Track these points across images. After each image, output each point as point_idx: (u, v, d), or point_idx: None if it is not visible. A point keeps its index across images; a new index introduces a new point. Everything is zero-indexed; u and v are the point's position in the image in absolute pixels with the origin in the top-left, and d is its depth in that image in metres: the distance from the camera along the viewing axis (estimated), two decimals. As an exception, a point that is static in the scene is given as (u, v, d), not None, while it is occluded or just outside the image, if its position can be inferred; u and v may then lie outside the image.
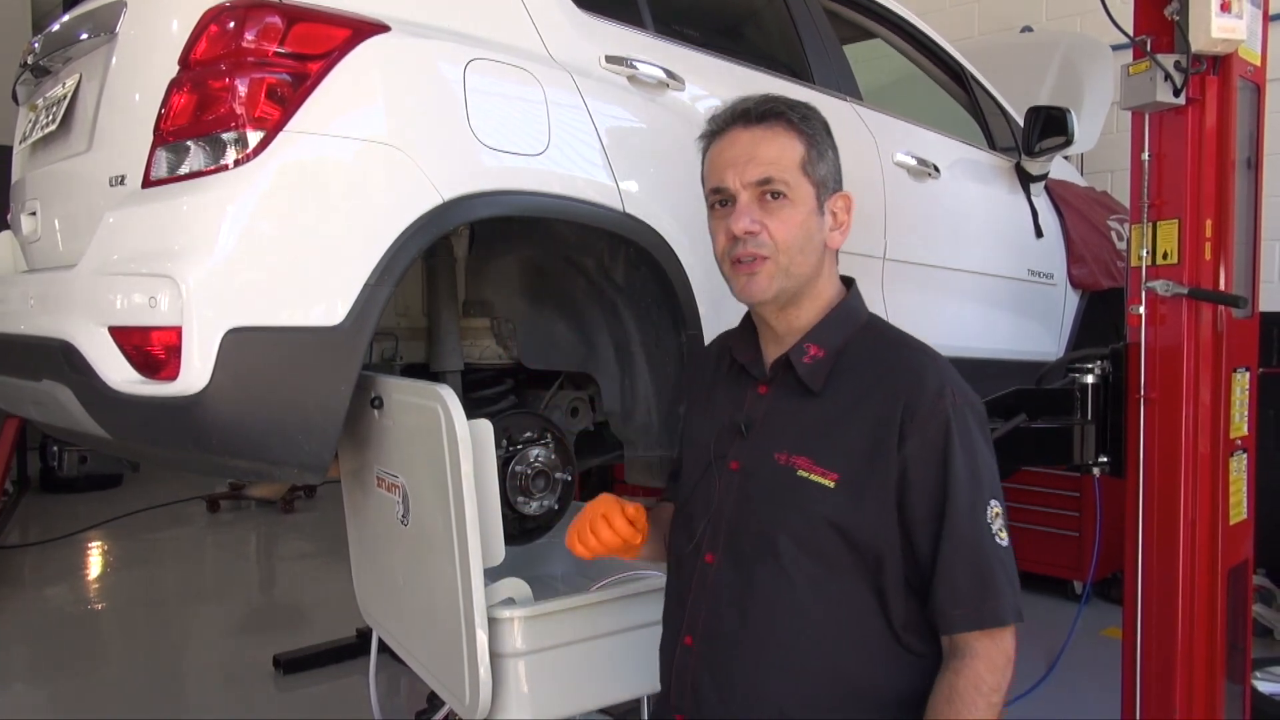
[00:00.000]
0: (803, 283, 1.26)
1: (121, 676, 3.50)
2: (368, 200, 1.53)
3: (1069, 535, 3.98)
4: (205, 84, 1.49)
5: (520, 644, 1.56)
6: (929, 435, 1.16)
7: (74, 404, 1.58)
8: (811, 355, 1.25)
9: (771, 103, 1.26)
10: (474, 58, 1.68)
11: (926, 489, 1.16)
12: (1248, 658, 2.28)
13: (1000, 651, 1.16)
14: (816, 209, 1.26)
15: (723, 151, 1.27)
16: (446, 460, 1.51)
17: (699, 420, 1.40)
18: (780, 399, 1.27)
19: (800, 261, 1.24)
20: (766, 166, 1.23)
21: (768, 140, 1.24)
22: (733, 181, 1.24)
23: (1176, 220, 2.02)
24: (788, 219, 1.23)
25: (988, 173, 3.14)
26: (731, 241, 1.24)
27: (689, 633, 1.28)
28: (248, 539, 5.77)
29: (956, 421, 1.17)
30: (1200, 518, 2.03)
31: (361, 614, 2.12)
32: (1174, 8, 1.93)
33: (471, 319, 2.08)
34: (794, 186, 1.23)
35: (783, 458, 1.22)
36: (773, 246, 1.22)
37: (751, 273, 1.23)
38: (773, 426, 1.26)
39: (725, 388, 1.36)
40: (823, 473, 1.19)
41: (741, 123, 1.26)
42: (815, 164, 1.25)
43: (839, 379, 1.24)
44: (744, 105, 1.27)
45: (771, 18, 2.69)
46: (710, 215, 1.31)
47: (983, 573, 1.15)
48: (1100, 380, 2.24)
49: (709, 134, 1.31)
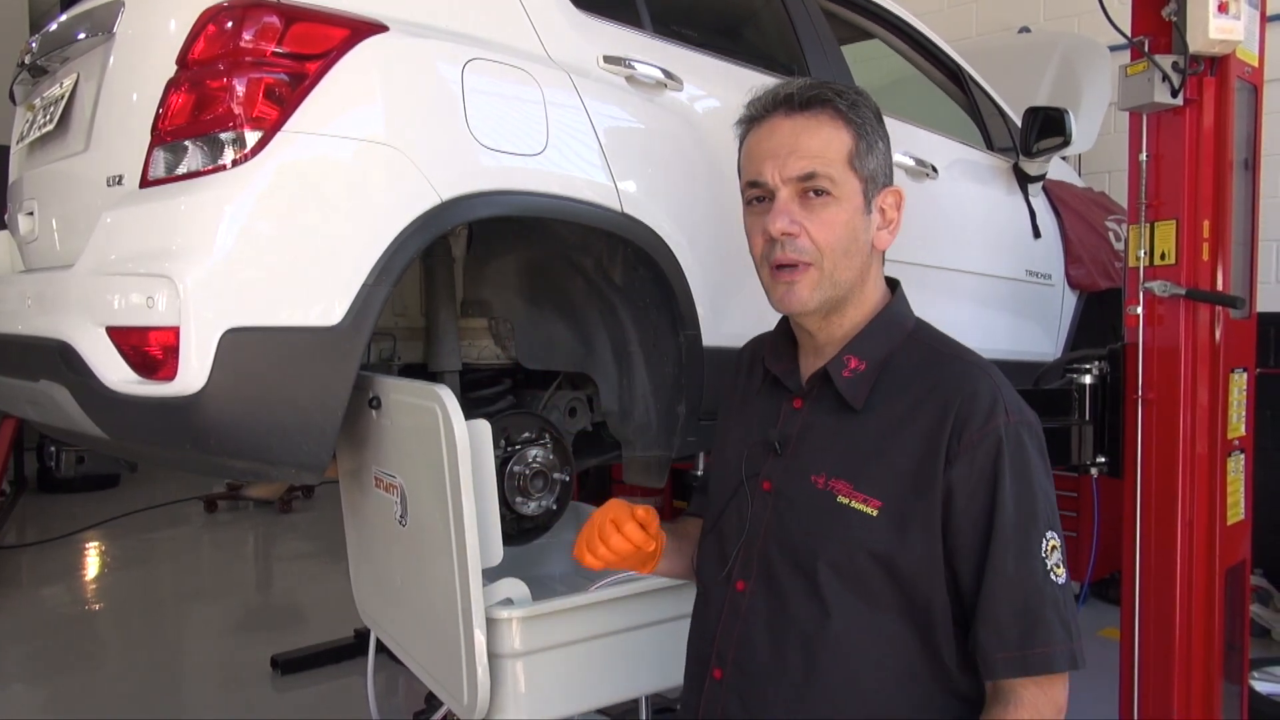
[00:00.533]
0: (848, 289, 1.14)
1: (119, 677, 3.50)
2: (366, 200, 1.53)
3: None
4: (203, 84, 1.49)
5: (518, 644, 1.56)
6: (978, 458, 1.06)
7: (71, 404, 1.57)
8: (851, 369, 1.14)
9: (817, 88, 1.13)
10: (472, 58, 1.68)
11: (971, 517, 1.06)
12: (1245, 658, 2.29)
13: (1049, 702, 1.04)
14: (863, 207, 1.14)
15: (761, 141, 1.14)
16: (445, 461, 1.50)
17: (732, 433, 1.28)
18: (818, 415, 1.16)
19: (845, 265, 1.13)
20: (810, 160, 1.10)
21: (811, 130, 1.11)
22: (771, 175, 1.12)
23: (1174, 221, 2.02)
24: (831, 219, 1.11)
25: (985, 173, 3.14)
26: (769, 244, 1.13)
27: (718, 665, 1.18)
28: (245, 539, 5.77)
29: (1010, 443, 1.06)
30: (1198, 518, 2.03)
31: (359, 614, 2.12)
32: (1171, 9, 1.94)
33: (469, 319, 2.08)
34: (839, 183, 1.11)
35: (820, 481, 1.12)
36: (815, 252, 1.11)
37: (791, 281, 1.12)
38: (809, 445, 1.15)
39: (759, 399, 1.26)
40: (864, 499, 1.08)
41: (784, 109, 1.13)
42: (864, 157, 1.13)
43: (882, 394, 1.13)
44: (787, 90, 1.14)
45: (770, 18, 2.69)
46: (746, 212, 1.18)
47: (1031, 612, 1.04)
48: (1098, 381, 2.25)
49: (747, 119, 1.18)
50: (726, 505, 1.23)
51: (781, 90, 1.15)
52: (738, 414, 1.30)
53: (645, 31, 2.11)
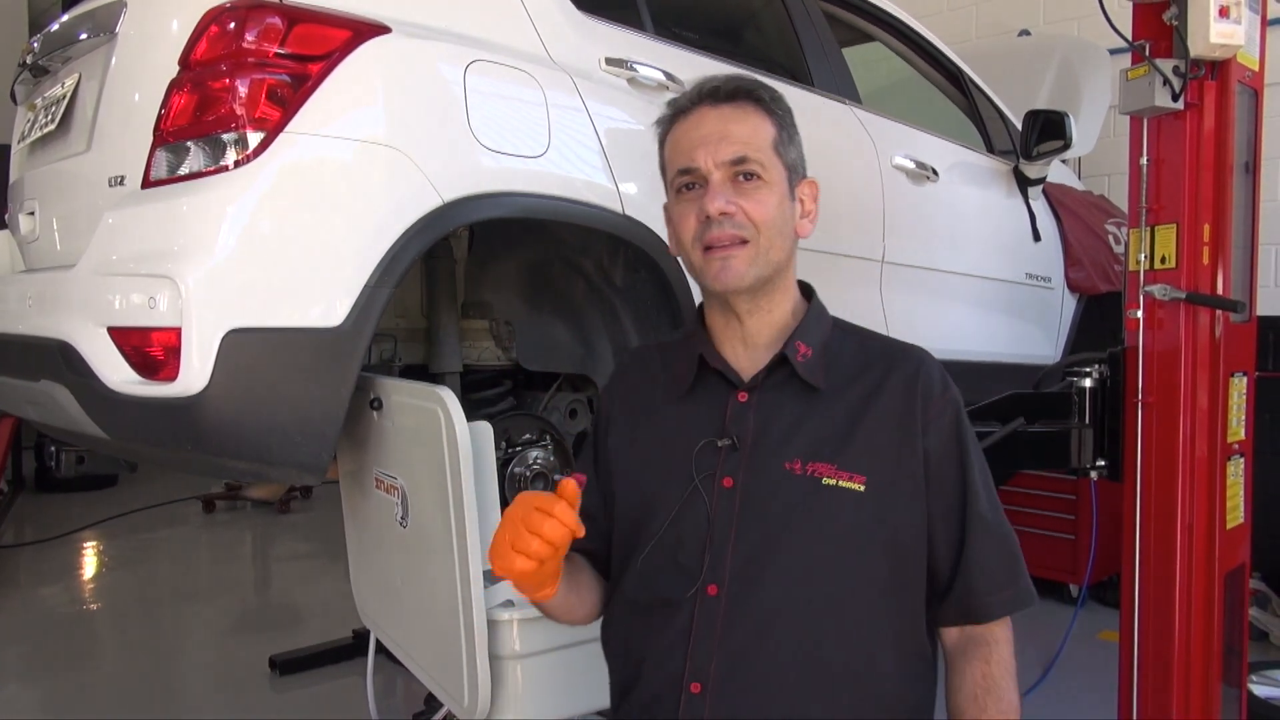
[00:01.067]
0: (776, 270, 1.18)
1: (116, 677, 3.49)
2: (368, 201, 1.53)
3: (1066, 538, 3.99)
4: (205, 84, 1.49)
5: (518, 646, 1.56)
6: (944, 425, 1.16)
7: (72, 404, 1.57)
8: (803, 354, 1.18)
9: (741, 80, 1.19)
10: (474, 59, 1.68)
11: (950, 478, 1.15)
12: (1244, 661, 2.29)
13: (1011, 634, 1.18)
14: (788, 193, 1.19)
15: (690, 131, 1.17)
16: (446, 462, 1.50)
17: (650, 445, 1.24)
18: (773, 405, 1.18)
19: (778, 246, 1.17)
20: (740, 145, 1.15)
21: (739, 119, 1.16)
22: (704, 161, 1.14)
23: (1174, 225, 2.02)
24: (764, 200, 1.15)
25: (986, 176, 3.14)
26: (703, 224, 1.15)
27: (695, 679, 1.13)
28: (244, 539, 5.76)
29: (961, 411, 1.18)
30: (1197, 522, 2.03)
31: (359, 615, 2.12)
32: (1172, 13, 1.94)
33: (471, 320, 2.08)
34: (768, 167, 1.16)
35: (796, 466, 1.13)
36: (751, 228, 1.14)
37: (727, 256, 1.14)
38: (773, 435, 1.16)
39: (682, 404, 1.23)
40: (850, 476, 1.12)
41: (709, 101, 1.17)
42: (786, 146, 1.19)
43: (835, 378, 1.18)
44: (712, 84, 1.18)
45: (771, 20, 2.70)
46: (675, 200, 1.20)
47: (1011, 554, 1.17)
48: (1098, 384, 2.25)
49: (669, 117, 1.21)
50: (675, 514, 1.18)
51: (706, 85, 1.19)
52: (648, 425, 1.25)
53: (647, 33, 2.11)
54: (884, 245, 2.57)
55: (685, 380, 1.23)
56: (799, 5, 2.59)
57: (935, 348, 1.28)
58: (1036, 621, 3.85)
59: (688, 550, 1.16)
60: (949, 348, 2.87)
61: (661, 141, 1.23)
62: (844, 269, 2.48)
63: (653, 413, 1.26)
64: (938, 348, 3.16)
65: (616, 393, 1.32)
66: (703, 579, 1.14)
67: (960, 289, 2.93)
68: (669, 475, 1.19)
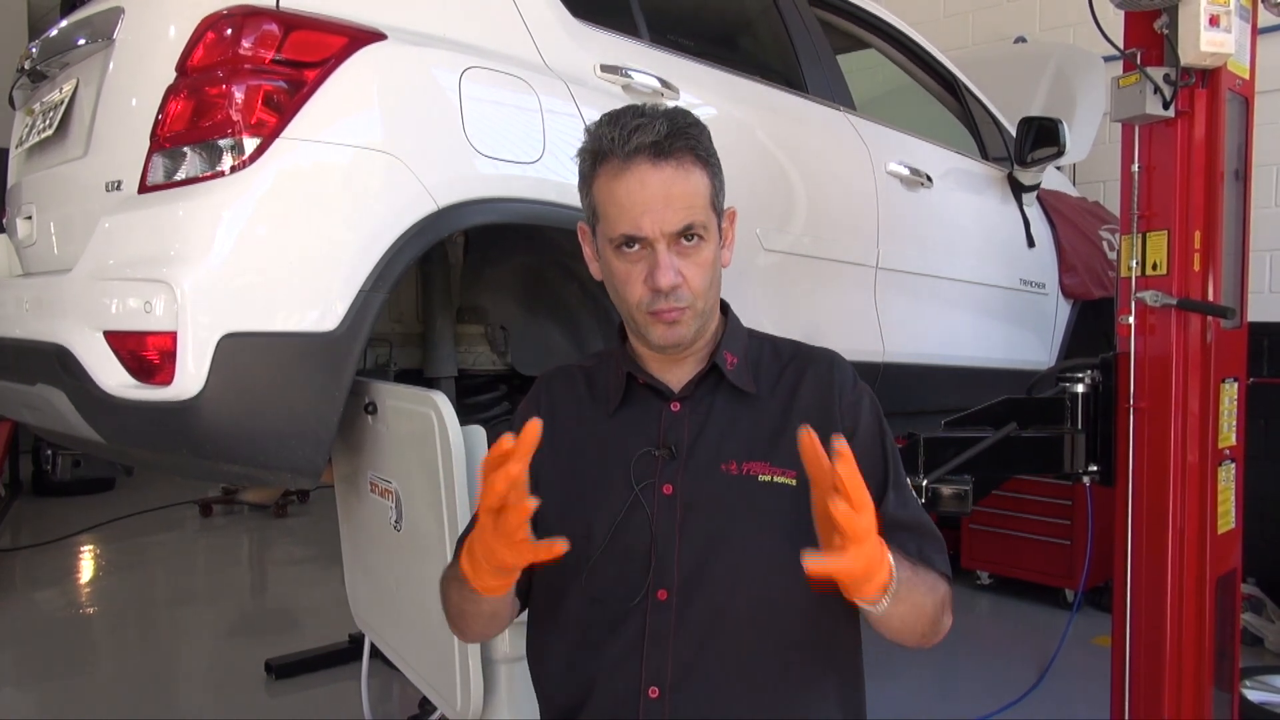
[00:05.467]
0: (712, 316, 1.23)
1: (112, 681, 3.49)
2: (363, 207, 1.54)
3: (1060, 543, 3.99)
4: (202, 90, 1.50)
5: (510, 649, 1.57)
6: (861, 416, 1.22)
7: (68, 408, 1.58)
8: (732, 363, 1.23)
9: (675, 131, 1.14)
10: (470, 66, 1.69)
11: (874, 465, 1.20)
12: (1235, 666, 2.30)
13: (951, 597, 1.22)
14: (719, 237, 1.21)
15: (633, 193, 1.14)
16: (440, 466, 1.51)
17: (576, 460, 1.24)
18: (706, 412, 1.21)
19: (712, 296, 1.21)
20: (685, 213, 1.14)
21: (680, 179, 1.14)
22: (651, 230, 1.14)
23: (1166, 231, 2.03)
24: (703, 261, 1.17)
25: (980, 182, 3.16)
26: (653, 295, 1.16)
27: (653, 684, 1.15)
28: (240, 543, 5.76)
29: (876, 402, 1.25)
30: (1189, 527, 2.04)
31: (354, 619, 2.12)
32: (1163, 21, 1.95)
33: (466, 325, 2.09)
34: (708, 226, 1.17)
35: (734, 468, 1.18)
36: (691, 297, 1.16)
37: (672, 322, 1.17)
38: (709, 440, 1.20)
39: (614, 418, 1.24)
40: (782, 472, 1.17)
41: (649, 157, 1.14)
42: (718, 195, 1.20)
43: (760, 381, 1.24)
44: (649, 137, 1.13)
45: (766, 27, 2.71)
46: (614, 256, 1.18)
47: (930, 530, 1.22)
48: (1090, 390, 2.26)
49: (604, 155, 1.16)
50: (618, 524, 1.18)
51: (644, 136, 1.14)
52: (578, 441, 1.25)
53: (642, 40, 2.13)
54: (878, 251, 2.58)
55: (615, 396, 1.25)
56: (794, 12, 2.61)
57: (929, 353, 1.30)
58: (1032, 627, 3.87)
59: (634, 559, 1.18)
60: (943, 353, 2.88)
61: (590, 179, 1.19)
62: (838, 275, 2.50)
63: (581, 429, 1.26)
64: (932, 353, 3.18)
65: (540, 407, 1.28)
66: (650, 585, 1.16)
67: (954, 294, 2.94)
68: (607, 487, 1.20)
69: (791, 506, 1.16)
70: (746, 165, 2.14)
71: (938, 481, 2.10)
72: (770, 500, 1.17)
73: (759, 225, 2.22)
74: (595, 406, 1.27)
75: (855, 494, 0.92)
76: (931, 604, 1.13)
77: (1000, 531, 4.13)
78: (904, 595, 1.04)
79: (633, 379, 1.24)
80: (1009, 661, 3.48)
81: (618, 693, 1.16)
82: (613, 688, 1.17)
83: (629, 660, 1.16)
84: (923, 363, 2.77)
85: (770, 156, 2.30)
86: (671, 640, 1.15)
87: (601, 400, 1.27)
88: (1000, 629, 3.98)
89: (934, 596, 1.14)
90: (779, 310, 2.29)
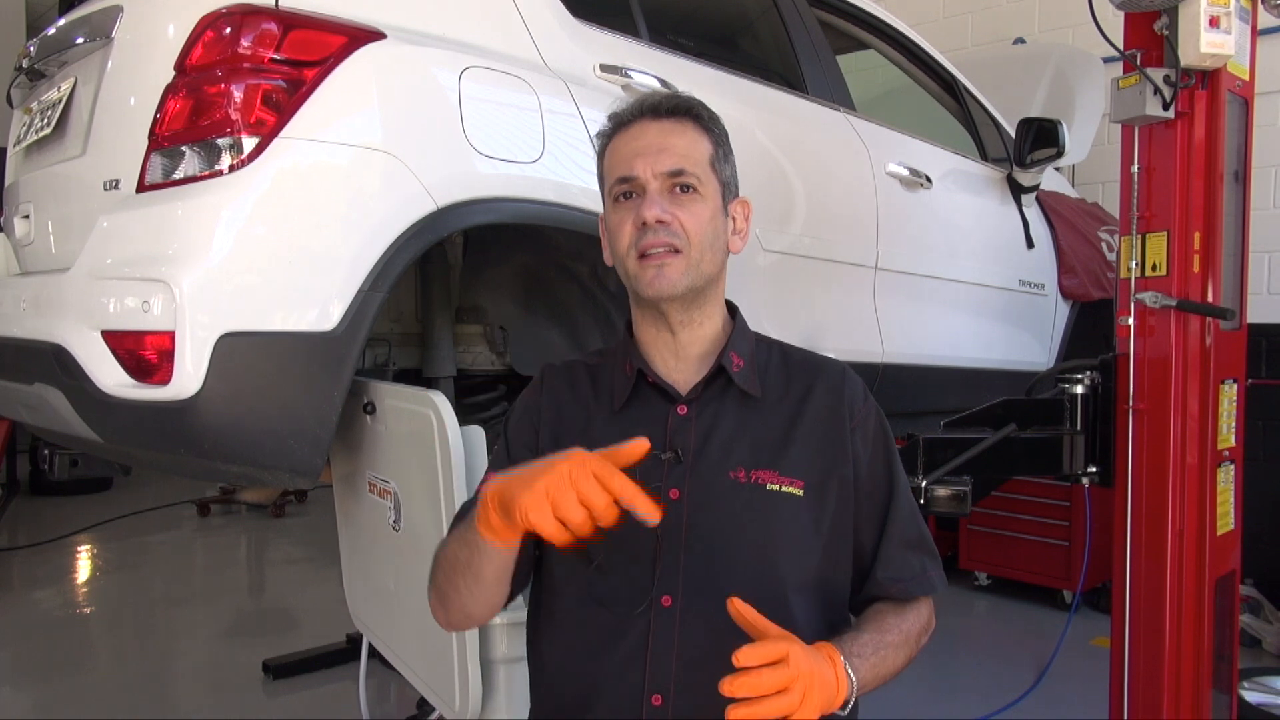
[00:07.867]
0: (708, 282, 1.21)
1: (109, 681, 3.49)
2: (362, 206, 1.53)
3: (1059, 544, 4.00)
4: (201, 89, 1.50)
5: (508, 649, 1.57)
6: (870, 428, 1.23)
7: (66, 407, 1.58)
8: (738, 365, 1.21)
9: (680, 99, 1.22)
10: (469, 65, 1.69)
11: (877, 477, 1.22)
12: (1234, 667, 2.29)
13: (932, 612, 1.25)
14: (722, 208, 1.22)
15: (630, 141, 1.20)
16: (439, 466, 1.51)
17: None
18: (713, 416, 1.20)
19: (710, 259, 1.19)
20: (679, 158, 1.18)
21: (678, 132, 1.20)
22: (643, 170, 1.17)
23: (1165, 232, 2.03)
24: (698, 212, 1.18)
25: (979, 183, 3.16)
26: (640, 231, 1.17)
27: (656, 691, 1.13)
28: (238, 543, 5.75)
29: (884, 418, 1.25)
30: (1188, 528, 2.04)
31: (352, 619, 2.12)
32: (1163, 23, 1.95)
33: (465, 325, 2.09)
34: (704, 181, 1.19)
35: (741, 475, 1.17)
36: (685, 239, 1.16)
37: (662, 263, 1.16)
38: (716, 445, 1.19)
39: (618, 417, 1.22)
40: (790, 482, 1.17)
41: (650, 115, 1.20)
42: (722, 163, 1.23)
43: (767, 387, 1.22)
44: (652, 99, 1.22)
45: (765, 28, 2.71)
46: (612, 209, 1.21)
47: (929, 545, 1.25)
48: (1089, 391, 2.26)
49: (610, 130, 1.23)
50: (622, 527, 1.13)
51: (647, 100, 1.22)
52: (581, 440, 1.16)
53: (642, 40, 2.12)
54: (877, 252, 2.58)
55: (621, 395, 1.23)
56: (794, 12, 2.61)
57: (928, 354, 1.30)
58: (1030, 628, 3.88)
59: (639, 564, 1.16)
60: (942, 354, 2.88)
61: (601, 153, 1.25)
62: (837, 275, 2.50)
63: (585, 425, 1.23)
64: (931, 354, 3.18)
65: (541, 403, 1.27)
66: (656, 591, 1.15)
67: (953, 295, 2.94)
68: None
69: (796, 516, 1.16)
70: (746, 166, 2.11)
71: (937, 483, 2.10)
72: (777, 509, 1.16)
73: (758, 225, 2.22)
74: (599, 403, 1.25)
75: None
76: (905, 657, 1.17)
77: (999, 533, 4.14)
78: (871, 680, 1.09)
79: (641, 376, 1.23)
80: (1007, 663, 3.48)
81: (620, 699, 1.15)
82: (615, 693, 1.15)
83: (632, 666, 1.14)
84: (922, 363, 2.77)
85: (770, 157, 2.30)
86: (676, 648, 1.14)
87: (605, 397, 1.25)
88: (999, 630, 3.98)
89: (906, 649, 1.17)
90: (778, 311, 2.29)
